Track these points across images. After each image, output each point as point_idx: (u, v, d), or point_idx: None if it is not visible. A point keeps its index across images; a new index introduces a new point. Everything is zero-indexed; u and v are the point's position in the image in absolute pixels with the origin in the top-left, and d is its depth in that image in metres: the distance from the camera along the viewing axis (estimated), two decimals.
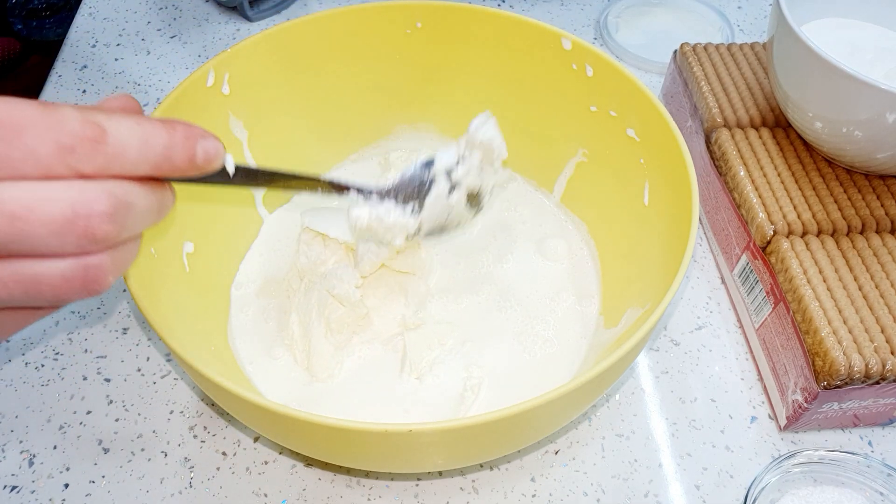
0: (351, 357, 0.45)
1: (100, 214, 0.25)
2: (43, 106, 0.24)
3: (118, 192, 0.26)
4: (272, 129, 0.49)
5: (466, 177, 0.41)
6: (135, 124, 0.26)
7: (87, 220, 0.25)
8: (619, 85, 0.45)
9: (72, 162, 0.24)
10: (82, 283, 0.26)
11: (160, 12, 0.70)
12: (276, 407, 0.31)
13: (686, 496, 0.42)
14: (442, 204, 0.41)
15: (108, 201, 0.25)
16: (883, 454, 0.44)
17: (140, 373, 0.46)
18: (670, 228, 0.41)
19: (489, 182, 0.42)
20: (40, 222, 0.24)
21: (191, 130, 0.27)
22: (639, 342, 0.34)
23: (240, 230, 0.50)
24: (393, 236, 0.41)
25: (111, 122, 0.25)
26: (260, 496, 0.41)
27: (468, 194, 0.42)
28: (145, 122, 0.26)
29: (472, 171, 0.41)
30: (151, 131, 0.26)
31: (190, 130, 0.27)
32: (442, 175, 0.40)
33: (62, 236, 0.25)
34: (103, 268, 0.27)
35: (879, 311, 0.42)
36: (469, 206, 0.42)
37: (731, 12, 0.71)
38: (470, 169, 0.41)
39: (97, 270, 0.26)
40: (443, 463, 0.38)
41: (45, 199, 0.24)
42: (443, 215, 0.42)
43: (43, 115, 0.24)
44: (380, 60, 0.51)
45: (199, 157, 0.28)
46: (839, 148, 0.46)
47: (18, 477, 0.42)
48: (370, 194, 0.39)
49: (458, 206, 0.42)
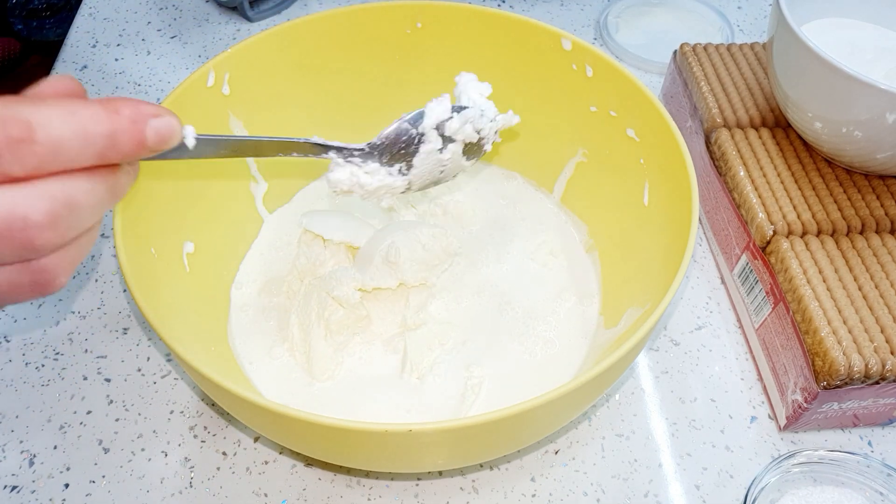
0: (351, 357, 0.45)
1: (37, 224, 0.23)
2: None
3: (56, 194, 0.23)
4: (272, 129, 0.49)
5: (462, 129, 0.37)
6: (68, 114, 0.23)
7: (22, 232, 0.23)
8: (619, 85, 0.45)
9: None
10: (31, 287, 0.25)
11: (160, 12, 0.70)
12: (276, 407, 0.31)
13: (686, 496, 0.42)
14: (434, 160, 0.37)
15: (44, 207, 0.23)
16: (883, 454, 0.44)
17: (140, 373, 0.46)
18: (670, 228, 0.41)
19: (490, 128, 0.39)
20: None
21: (138, 111, 0.25)
22: (639, 342, 0.34)
23: (240, 230, 0.50)
24: (378, 199, 0.38)
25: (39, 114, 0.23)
26: (260, 496, 0.41)
27: (466, 144, 0.38)
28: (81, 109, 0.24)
29: (469, 122, 0.37)
30: (89, 119, 0.24)
31: (137, 111, 0.25)
32: (432, 131, 0.37)
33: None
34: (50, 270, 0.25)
35: (879, 311, 0.42)
36: (467, 155, 0.39)
37: (731, 12, 0.71)
38: (466, 119, 0.37)
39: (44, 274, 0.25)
40: (443, 463, 0.38)
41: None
42: (436, 171, 0.38)
43: None
44: (380, 60, 0.51)
45: (151, 139, 0.25)
46: (839, 148, 0.46)
47: (19, 477, 0.42)
48: (351, 155, 0.36)
49: (453, 160, 0.38)
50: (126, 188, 0.27)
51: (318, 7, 0.72)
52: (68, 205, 0.24)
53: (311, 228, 0.46)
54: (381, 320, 0.46)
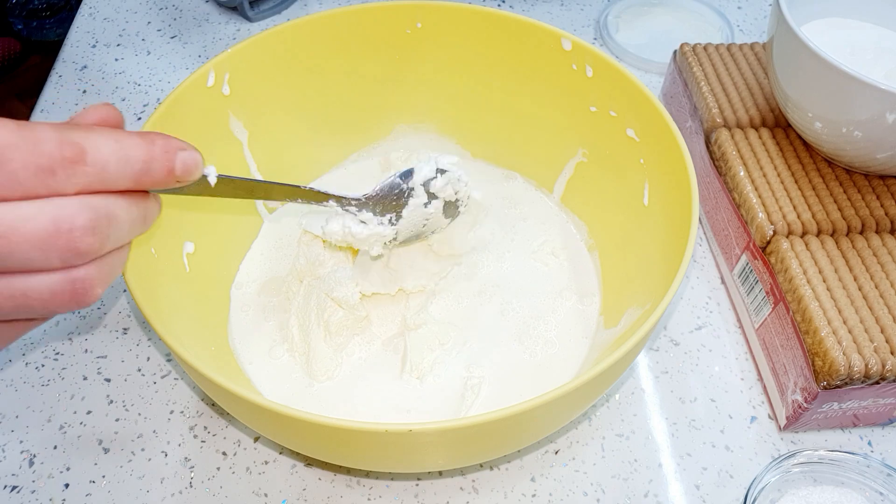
0: (351, 357, 0.45)
1: (81, 228, 0.26)
2: (19, 128, 0.25)
3: (99, 206, 0.26)
4: (272, 129, 0.49)
5: (445, 188, 0.42)
6: (113, 141, 0.26)
7: (69, 234, 0.25)
8: (619, 85, 0.45)
9: (52, 184, 0.25)
10: (70, 296, 0.27)
11: (160, 12, 0.70)
12: (276, 407, 0.31)
13: (686, 496, 0.42)
14: (419, 214, 0.42)
15: (88, 215, 0.26)
16: (883, 454, 0.44)
17: (140, 373, 0.46)
18: (670, 228, 0.41)
19: (466, 192, 0.44)
20: (23, 239, 0.25)
21: (169, 143, 0.28)
22: (639, 342, 0.34)
23: (240, 230, 0.50)
24: (370, 246, 0.42)
25: (90, 140, 0.26)
26: (260, 496, 0.41)
27: (445, 202, 0.43)
28: (124, 137, 0.27)
29: (450, 183, 0.43)
30: (130, 146, 0.27)
31: (168, 143, 0.28)
32: (420, 186, 0.42)
33: (46, 251, 0.25)
34: (90, 280, 0.27)
35: (879, 311, 0.42)
36: (445, 213, 0.44)
37: (731, 12, 0.71)
38: (448, 181, 0.42)
39: (84, 283, 0.27)
40: (443, 463, 0.38)
41: (26, 216, 0.25)
42: (419, 224, 0.43)
43: (20, 139, 0.25)
44: (380, 60, 0.51)
45: (178, 169, 0.28)
46: (839, 148, 0.46)
47: (19, 477, 0.42)
48: (349, 204, 0.41)
49: (435, 215, 0.43)
50: (153, 217, 0.30)
51: (318, 7, 0.72)
52: (108, 217, 0.27)
53: (310, 229, 0.47)
54: (381, 321, 0.46)
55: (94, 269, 0.27)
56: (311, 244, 0.47)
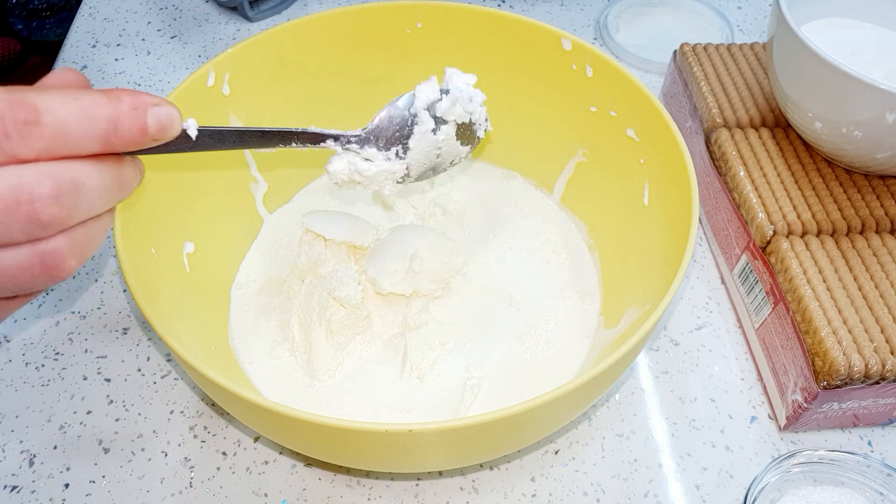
0: (351, 357, 0.45)
1: (43, 198, 0.24)
2: None
3: (61, 172, 0.25)
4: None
5: (452, 109, 0.38)
6: (72, 99, 0.25)
7: (28, 204, 0.24)
8: (619, 85, 0.45)
9: (7, 147, 0.23)
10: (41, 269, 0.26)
11: (160, 12, 0.70)
12: (276, 407, 0.31)
13: (686, 496, 0.42)
14: (429, 142, 0.38)
15: (50, 182, 0.24)
16: (883, 454, 0.44)
17: (140, 373, 0.46)
18: (670, 228, 0.41)
19: (480, 112, 0.40)
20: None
21: (138, 99, 0.26)
22: (639, 342, 0.34)
23: (240, 230, 0.50)
24: (380, 185, 0.38)
25: (44, 100, 0.24)
26: (260, 496, 0.41)
27: (459, 126, 0.39)
28: (84, 95, 0.25)
29: (458, 103, 0.38)
30: (92, 105, 0.25)
31: (137, 99, 0.26)
32: (423, 111, 0.37)
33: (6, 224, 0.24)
34: (59, 252, 0.26)
35: (879, 311, 0.42)
36: (461, 140, 0.40)
37: (731, 12, 0.71)
38: (456, 100, 0.38)
39: (53, 256, 0.26)
40: (443, 463, 0.38)
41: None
42: (432, 155, 0.39)
43: None
44: (380, 60, 0.51)
45: (152, 126, 0.26)
46: (839, 148, 0.46)
47: (18, 477, 0.42)
48: (348, 141, 0.37)
49: (447, 143, 0.39)
50: (133, 182, 0.28)
51: (318, 7, 0.72)
52: (73, 183, 0.25)
53: (312, 228, 0.47)
54: (382, 320, 0.46)
55: (64, 240, 0.26)
56: (313, 243, 0.47)
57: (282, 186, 0.52)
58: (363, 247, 0.47)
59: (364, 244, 0.46)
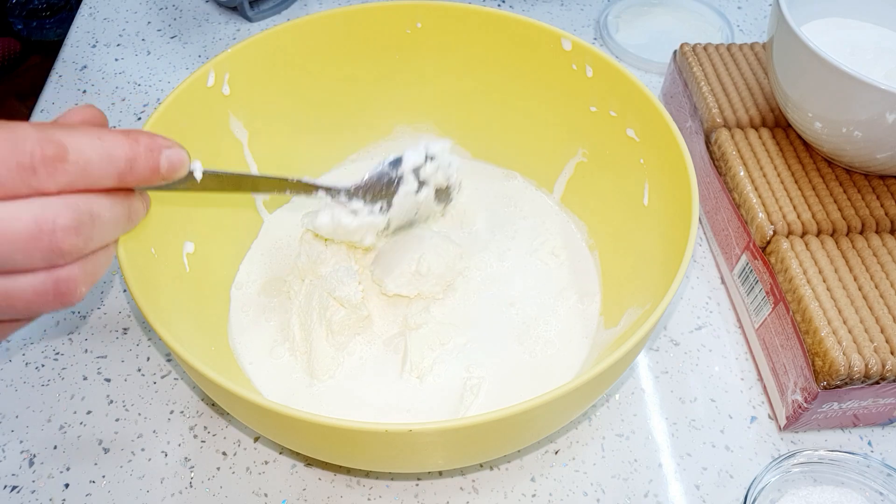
0: (351, 357, 0.45)
1: (63, 228, 0.26)
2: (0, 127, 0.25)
3: (82, 205, 0.26)
4: (272, 129, 0.49)
5: (435, 175, 0.42)
6: (96, 139, 0.26)
7: (51, 234, 0.25)
8: (619, 85, 0.45)
9: (34, 182, 0.25)
10: (54, 296, 0.27)
11: (160, 12, 0.70)
12: (276, 407, 0.31)
13: (686, 496, 0.42)
14: (410, 201, 0.42)
15: (71, 215, 0.26)
16: (883, 454, 0.44)
17: (140, 373, 0.46)
18: (670, 228, 0.41)
19: (457, 177, 0.44)
20: (5, 240, 0.25)
21: (154, 142, 0.28)
22: (639, 342, 0.34)
23: (240, 230, 0.50)
24: (361, 237, 0.42)
25: (72, 138, 0.26)
26: (260, 496, 0.41)
27: (437, 189, 0.43)
28: (107, 135, 0.27)
29: (440, 169, 0.42)
30: (113, 144, 0.27)
31: (153, 141, 0.28)
32: (410, 173, 0.41)
33: (28, 252, 0.25)
34: (74, 279, 0.27)
35: (879, 311, 0.42)
36: (437, 200, 0.44)
37: (731, 12, 0.71)
38: (438, 167, 0.42)
39: (68, 283, 0.27)
40: (443, 463, 0.38)
41: (8, 217, 0.25)
42: (411, 212, 0.43)
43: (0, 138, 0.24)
44: (380, 60, 0.51)
45: (164, 167, 0.28)
46: (839, 148, 0.46)
47: (18, 477, 0.42)
48: (338, 194, 0.40)
49: (426, 202, 0.43)
50: (141, 214, 0.30)
51: (318, 7, 0.72)
52: (91, 215, 0.27)
53: (312, 228, 0.46)
54: (383, 320, 0.46)
55: (78, 268, 0.27)
56: (313, 242, 0.47)
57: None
58: (363, 247, 0.47)
59: (364, 244, 0.46)
